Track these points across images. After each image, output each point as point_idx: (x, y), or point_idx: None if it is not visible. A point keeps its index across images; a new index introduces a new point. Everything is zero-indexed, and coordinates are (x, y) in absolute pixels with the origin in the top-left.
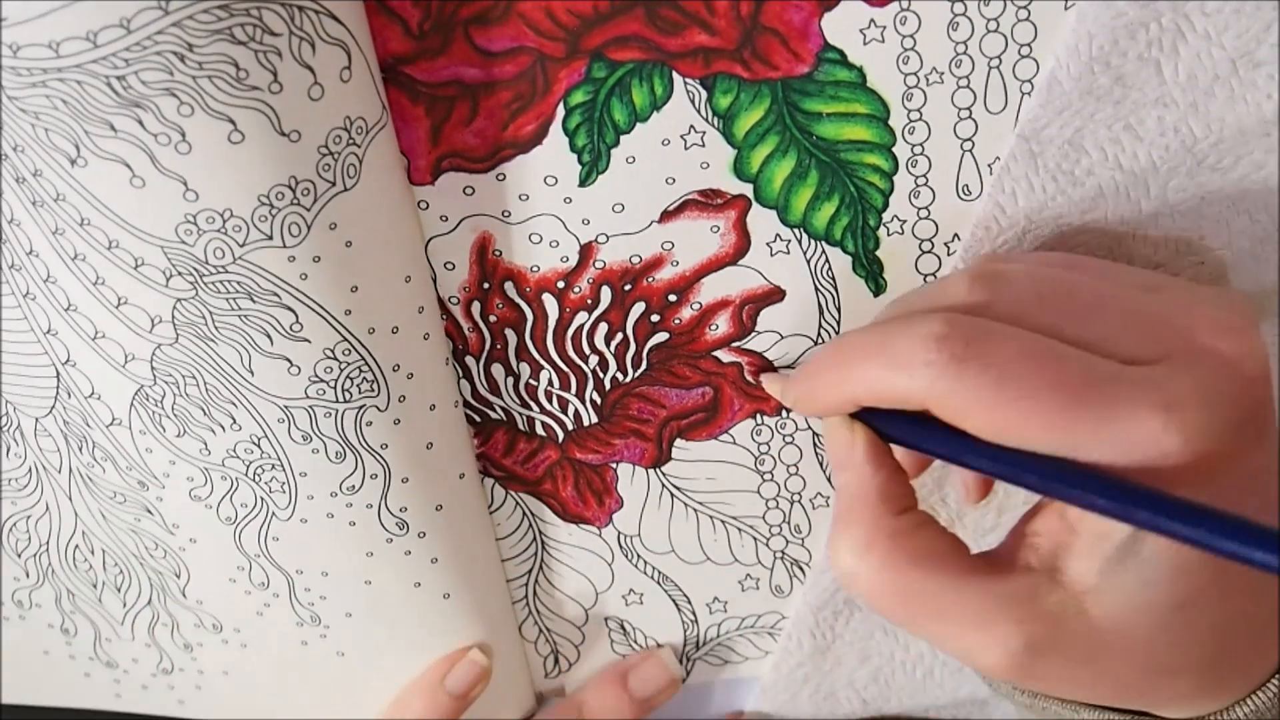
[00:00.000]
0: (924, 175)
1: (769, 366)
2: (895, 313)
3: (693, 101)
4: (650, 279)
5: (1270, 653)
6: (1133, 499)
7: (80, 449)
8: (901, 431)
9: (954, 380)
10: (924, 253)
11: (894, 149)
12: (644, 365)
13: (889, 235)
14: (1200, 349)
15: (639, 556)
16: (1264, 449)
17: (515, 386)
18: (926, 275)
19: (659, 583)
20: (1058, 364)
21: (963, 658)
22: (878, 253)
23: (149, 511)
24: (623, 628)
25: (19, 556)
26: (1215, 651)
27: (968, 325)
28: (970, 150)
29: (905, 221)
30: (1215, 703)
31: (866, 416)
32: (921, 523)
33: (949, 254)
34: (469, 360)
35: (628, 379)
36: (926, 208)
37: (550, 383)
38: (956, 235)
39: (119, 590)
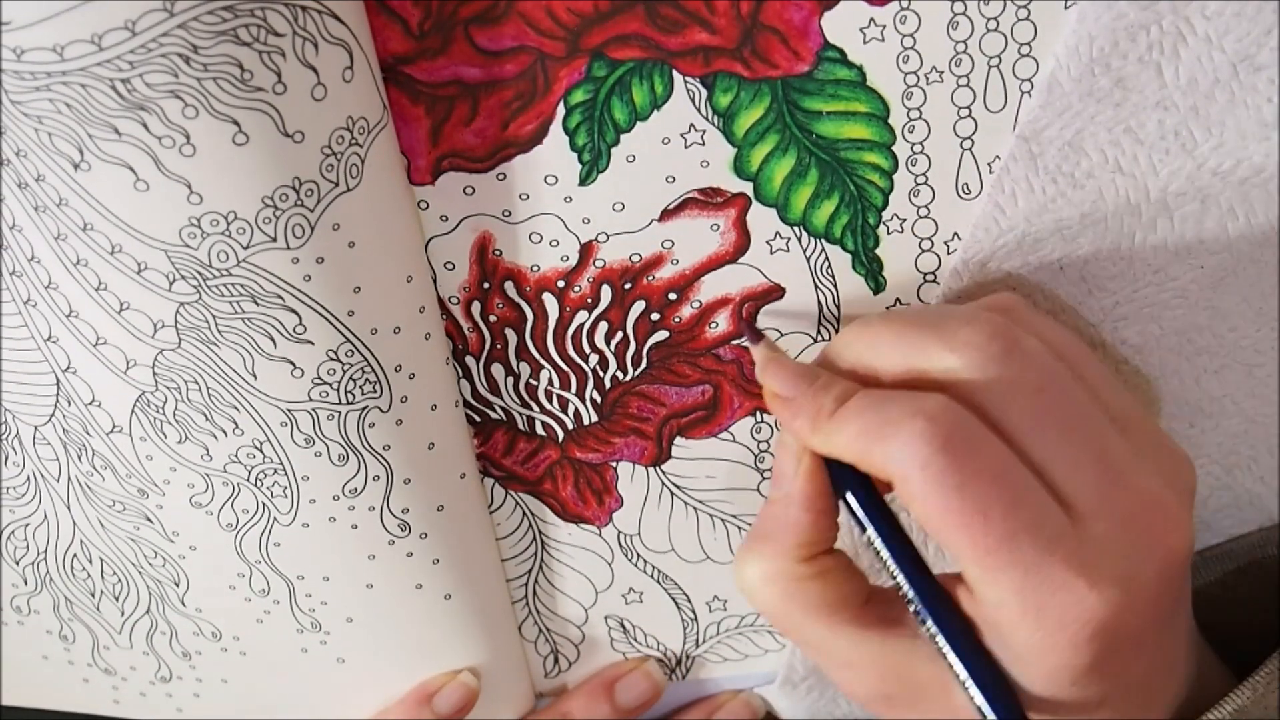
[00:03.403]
0: (924, 174)
1: (756, 328)
2: (924, 335)
3: (693, 100)
4: (650, 277)
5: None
6: (975, 670)
7: (79, 457)
8: (847, 487)
9: (919, 469)
10: (924, 251)
11: (894, 147)
12: (644, 364)
13: (889, 234)
14: (1137, 522)
15: (639, 555)
16: (1173, 630)
17: (515, 386)
18: (926, 274)
19: (659, 581)
20: (1015, 500)
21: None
22: (877, 251)
23: (148, 519)
24: (623, 626)
25: (17, 564)
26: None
27: (956, 421)
28: (970, 149)
29: (905, 220)
30: None
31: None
32: (825, 571)
33: (949, 252)
34: (469, 360)
35: (628, 377)
36: (926, 206)
37: (550, 382)
38: (956, 234)
39: (117, 599)
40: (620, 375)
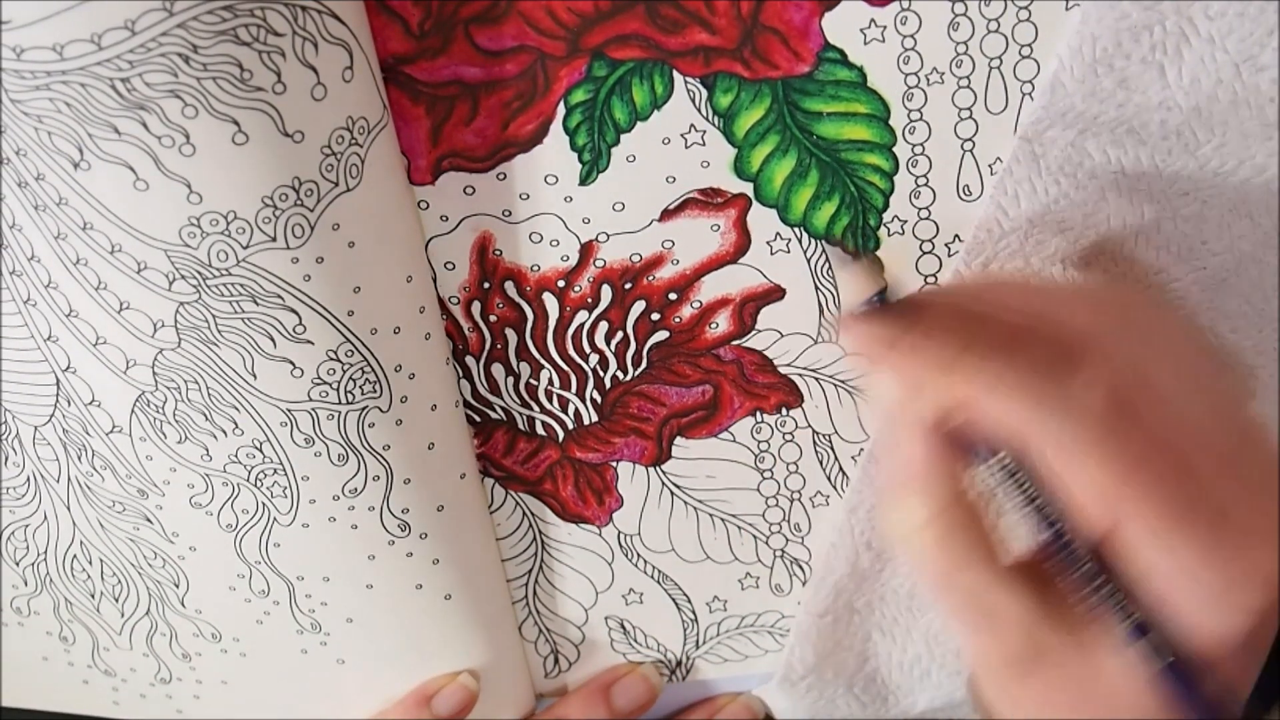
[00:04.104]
0: (924, 175)
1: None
2: (1063, 296)
3: (693, 100)
4: (651, 277)
5: None
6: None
7: (79, 458)
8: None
9: (1098, 422)
10: (924, 253)
11: (894, 149)
12: (644, 363)
13: (889, 235)
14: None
15: (639, 556)
16: None
17: (515, 386)
18: (927, 276)
19: (659, 582)
20: (1185, 466)
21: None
22: (878, 253)
23: (148, 520)
24: (623, 627)
25: (17, 565)
26: None
27: (1129, 381)
28: (971, 150)
29: (906, 222)
30: None
31: None
32: (978, 517)
33: (950, 255)
34: (469, 360)
35: (628, 377)
36: (927, 208)
37: (550, 382)
38: (958, 236)
39: (117, 600)
40: (620, 375)
